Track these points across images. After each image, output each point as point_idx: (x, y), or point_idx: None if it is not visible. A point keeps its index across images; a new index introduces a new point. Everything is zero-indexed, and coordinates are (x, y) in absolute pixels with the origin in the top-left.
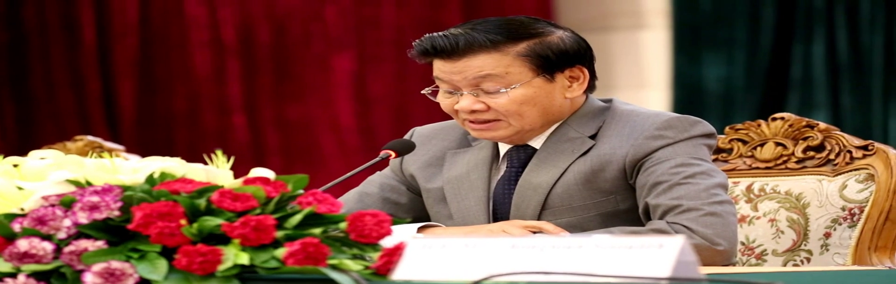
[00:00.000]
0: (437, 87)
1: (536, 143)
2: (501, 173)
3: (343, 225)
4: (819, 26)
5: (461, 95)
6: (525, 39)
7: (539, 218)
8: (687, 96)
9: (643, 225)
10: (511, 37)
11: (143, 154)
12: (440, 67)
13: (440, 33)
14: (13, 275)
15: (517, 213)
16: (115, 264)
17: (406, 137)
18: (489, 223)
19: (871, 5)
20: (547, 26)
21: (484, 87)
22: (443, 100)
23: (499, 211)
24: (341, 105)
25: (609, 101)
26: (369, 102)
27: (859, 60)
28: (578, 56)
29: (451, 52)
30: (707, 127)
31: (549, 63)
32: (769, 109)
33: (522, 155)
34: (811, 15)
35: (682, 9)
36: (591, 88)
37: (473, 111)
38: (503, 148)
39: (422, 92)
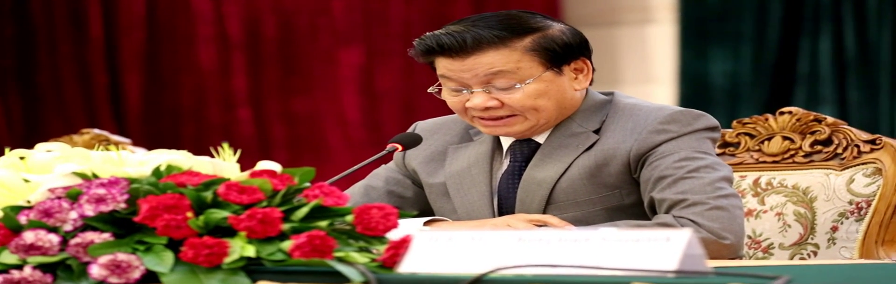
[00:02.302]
0: (440, 85)
1: (540, 137)
2: (505, 167)
3: (349, 218)
4: (826, 21)
5: (471, 92)
6: (529, 33)
7: (544, 213)
8: (693, 91)
9: (648, 220)
10: (515, 32)
11: (150, 148)
12: (447, 66)
13: (442, 31)
14: (19, 267)
15: (522, 208)
16: (122, 256)
17: (409, 131)
18: (494, 217)
19: (879, 1)
20: (544, 20)
21: (496, 83)
22: (449, 98)
23: (504, 206)
24: (348, 99)
25: (610, 94)
26: (376, 96)
27: (866, 55)
28: (581, 48)
29: (459, 49)
30: (710, 120)
31: (556, 56)
32: (776, 104)
33: (526, 150)
34: (818, 10)
35: (689, 3)
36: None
37: (487, 108)
38: (506, 142)
39: (428, 90)
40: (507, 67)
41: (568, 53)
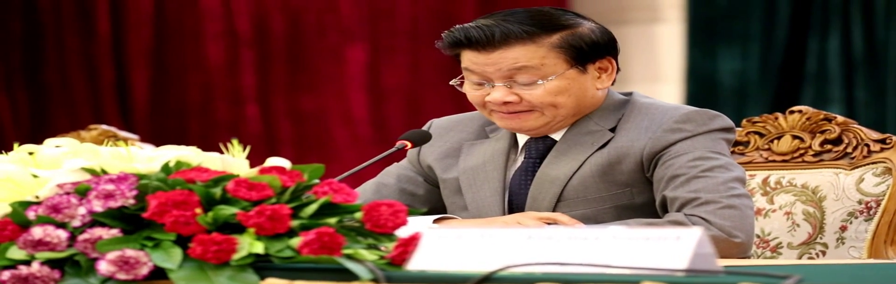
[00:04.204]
0: (463, 78)
1: (556, 135)
2: (518, 164)
3: (358, 215)
4: (834, 21)
5: (492, 86)
6: (558, 30)
7: (554, 210)
8: (701, 90)
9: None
10: (545, 28)
11: (156, 144)
12: (472, 59)
13: (472, 24)
14: (27, 263)
15: (533, 205)
16: (130, 252)
17: (424, 128)
18: (505, 214)
19: (887, 0)
20: (575, 17)
21: (518, 79)
22: (471, 91)
23: (514, 202)
24: (354, 96)
25: (629, 94)
26: (382, 93)
27: (874, 54)
28: (608, 47)
29: (487, 43)
30: (726, 121)
31: (582, 54)
32: (783, 103)
33: (541, 146)
34: (827, 9)
35: (698, 2)
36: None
37: (506, 103)
38: (521, 139)
39: (450, 83)
40: (531, 63)
41: (594, 51)
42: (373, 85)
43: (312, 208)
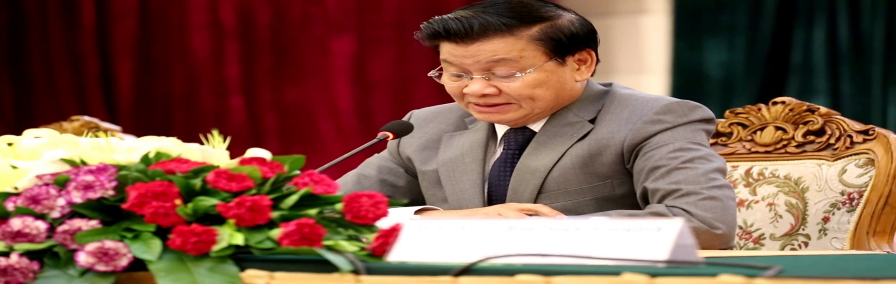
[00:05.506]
0: (441, 69)
1: (536, 126)
2: (497, 155)
3: (339, 206)
4: (820, 12)
5: (470, 78)
6: (538, 22)
7: (535, 202)
8: (686, 82)
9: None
10: (524, 20)
11: (141, 136)
12: (450, 51)
13: (451, 16)
14: (6, 254)
15: (514, 196)
16: (109, 243)
17: (404, 119)
18: (484, 205)
19: None
20: (555, 9)
21: (497, 71)
22: (449, 83)
23: (494, 194)
24: (340, 88)
25: (609, 85)
26: (368, 85)
27: (860, 46)
28: (587, 39)
29: (465, 35)
30: (706, 112)
31: (561, 47)
32: (769, 94)
33: (520, 138)
34: (812, 1)
35: None
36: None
37: (484, 95)
38: (501, 130)
39: (428, 74)
40: (509, 56)
41: (573, 43)
42: (358, 77)
43: (293, 199)
